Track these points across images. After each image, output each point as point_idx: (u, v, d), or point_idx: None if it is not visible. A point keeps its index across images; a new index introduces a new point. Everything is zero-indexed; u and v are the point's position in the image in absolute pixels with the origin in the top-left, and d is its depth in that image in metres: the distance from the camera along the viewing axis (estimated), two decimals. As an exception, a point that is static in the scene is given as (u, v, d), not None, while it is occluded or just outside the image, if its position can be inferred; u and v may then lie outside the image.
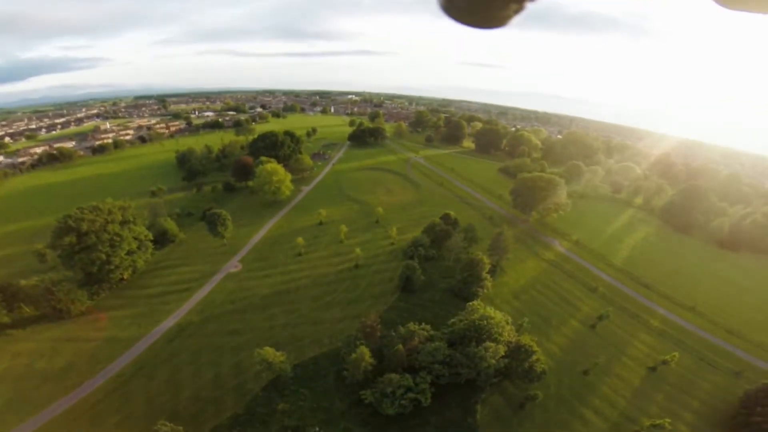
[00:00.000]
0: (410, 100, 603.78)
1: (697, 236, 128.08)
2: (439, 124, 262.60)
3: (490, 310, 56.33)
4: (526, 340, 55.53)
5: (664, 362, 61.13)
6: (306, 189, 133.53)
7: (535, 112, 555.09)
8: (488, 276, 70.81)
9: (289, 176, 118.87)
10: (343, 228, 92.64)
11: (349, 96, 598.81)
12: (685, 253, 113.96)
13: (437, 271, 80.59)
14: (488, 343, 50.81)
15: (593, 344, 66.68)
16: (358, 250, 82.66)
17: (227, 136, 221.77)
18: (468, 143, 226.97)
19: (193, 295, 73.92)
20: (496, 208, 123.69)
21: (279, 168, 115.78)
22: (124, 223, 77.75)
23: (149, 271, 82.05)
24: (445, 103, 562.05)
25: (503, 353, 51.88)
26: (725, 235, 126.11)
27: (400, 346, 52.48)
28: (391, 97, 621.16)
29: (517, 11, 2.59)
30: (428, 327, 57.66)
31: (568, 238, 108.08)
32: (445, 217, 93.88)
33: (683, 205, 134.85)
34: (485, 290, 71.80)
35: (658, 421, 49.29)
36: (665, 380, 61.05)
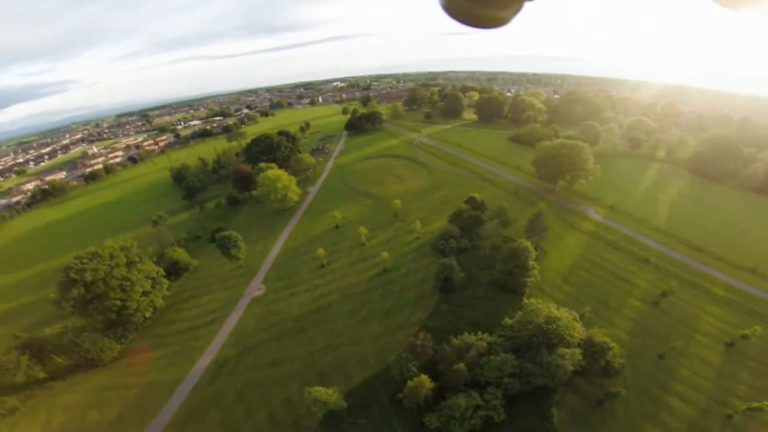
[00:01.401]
0: (397, 78, 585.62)
1: (732, 185, 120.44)
2: (434, 98, 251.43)
3: (554, 308, 49.50)
4: (598, 335, 49.18)
5: (744, 337, 54.74)
6: (313, 190, 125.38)
7: (524, 74, 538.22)
8: (535, 264, 63.59)
9: (293, 180, 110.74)
10: (362, 230, 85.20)
11: (335, 83, 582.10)
12: (726, 205, 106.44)
13: (474, 263, 73.15)
14: (563, 350, 44.54)
15: (660, 324, 60.12)
16: (385, 254, 74.94)
17: (219, 144, 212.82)
18: (469, 115, 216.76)
19: (222, 326, 68.21)
20: (518, 181, 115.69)
21: (281, 173, 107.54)
22: (130, 264, 71.56)
23: (170, 305, 76.55)
24: (432, 76, 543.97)
25: (580, 355, 45.41)
26: (762, 181, 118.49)
27: (462, 365, 46.21)
28: (378, 78, 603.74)
29: (517, 11, 2.59)
30: (486, 336, 50.93)
31: (602, 203, 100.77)
32: (471, 201, 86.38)
33: (713, 155, 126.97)
34: (533, 278, 64.84)
35: (755, 405, 43.70)
36: (748, 356, 54.69)
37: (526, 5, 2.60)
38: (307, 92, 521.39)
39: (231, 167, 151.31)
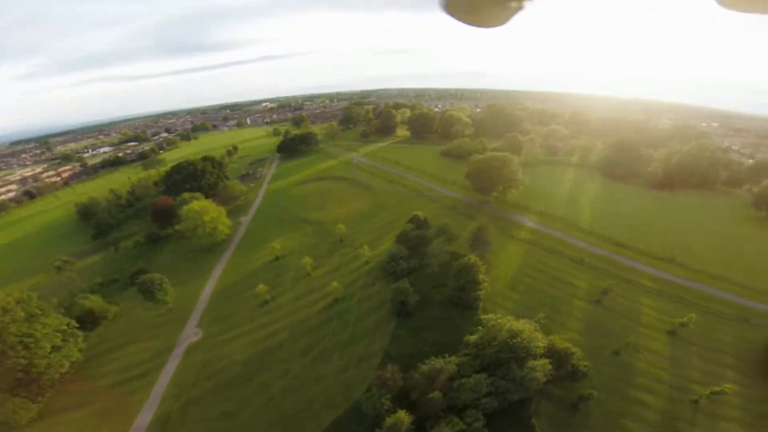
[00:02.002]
0: (330, 97, 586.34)
1: (637, 183, 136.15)
2: (369, 117, 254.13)
3: (513, 321, 49.43)
4: (558, 341, 50.31)
5: (683, 324, 59.81)
6: (245, 220, 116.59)
7: (448, 90, 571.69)
8: (485, 277, 64.08)
9: (222, 211, 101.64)
10: (307, 260, 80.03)
11: (264, 104, 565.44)
12: (636, 202, 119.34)
13: (425, 283, 71.76)
14: (532, 362, 44.66)
15: (607, 321, 63.52)
16: (334, 283, 70.77)
17: (134, 173, 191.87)
18: (402, 131, 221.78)
19: (159, 377, 59.27)
20: (455, 195, 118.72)
21: (208, 204, 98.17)
22: (31, 317, 59.51)
23: (91, 358, 65.20)
24: (365, 95, 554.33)
25: (549, 365, 45.89)
26: (661, 178, 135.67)
27: (437, 393, 44.49)
28: (310, 98, 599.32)
29: (517, 10, 2.61)
30: (453, 358, 49.41)
31: (533, 210, 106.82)
32: (415, 220, 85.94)
33: (618, 157, 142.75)
34: (483, 291, 65.18)
35: (716, 389, 47.07)
36: (691, 342, 59.59)
37: (525, 4, 2.58)
38: (234, 113, 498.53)
39: (149, 199, 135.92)
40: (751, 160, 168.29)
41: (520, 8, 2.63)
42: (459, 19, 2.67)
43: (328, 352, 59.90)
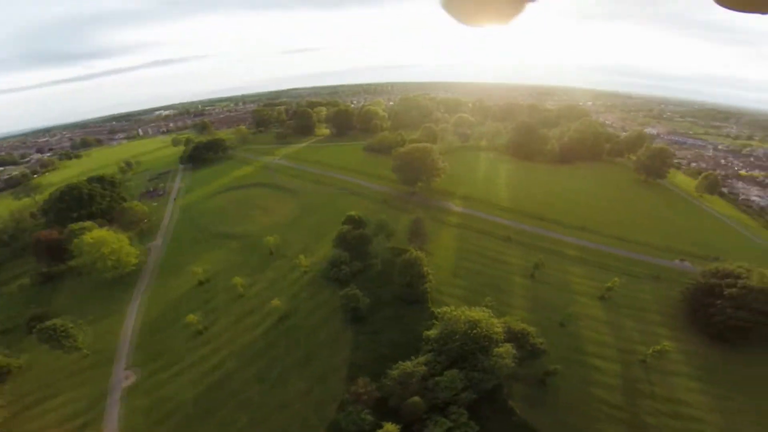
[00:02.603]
0: (235, 100, 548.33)
1: (539, 161, 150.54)
2: (282, 118, 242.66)
3: (468, 311, 50.21)
4: (513, 323, 52.45)
5: (609, 289, 66.64)
6: (156, 244, 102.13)
7: (361, 85, 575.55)
8: (429, 270, 64.45)
9: (124, 239, 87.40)
10: (237, 280, 72.66)
11: (158, 112, 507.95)
12: (542, 178, 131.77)
13: (372, 284, 70.07)
14: (498, 349, 45.52)
15: (545, 294, 68.48)
16: (275, 300, 65.17)
17: (4, 204, 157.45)
18: (322, 130, 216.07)
19: (101, 429, 50.32)
20: (384, 189, 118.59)
21: (106, 234, 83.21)
22: None
23: (12, 417, 53.44)
24: (275, 95, 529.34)
25: (512, 349, 47.25)
26: (559, 155, 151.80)
27: (417, 399, 43.57)
28: (212, 103, 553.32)
29: (518, 10, 2.63)
30: (421, 358, 48.61)
31: (457, 195, 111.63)
32: (350, 220, 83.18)
33: (521, 139, 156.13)
34: (430, 283, 65.60)
35: (658, 347, 52.57)
36: (621, 305, 66.73)
37: (527, 4, 2.60)
38: (124, 125, 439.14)
39: (28, 232, 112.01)
40: (624, 133, 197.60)
41: (521, 8, 2.61)
42: (459, 19, 2.64)
43: (287, 374, 55.15)
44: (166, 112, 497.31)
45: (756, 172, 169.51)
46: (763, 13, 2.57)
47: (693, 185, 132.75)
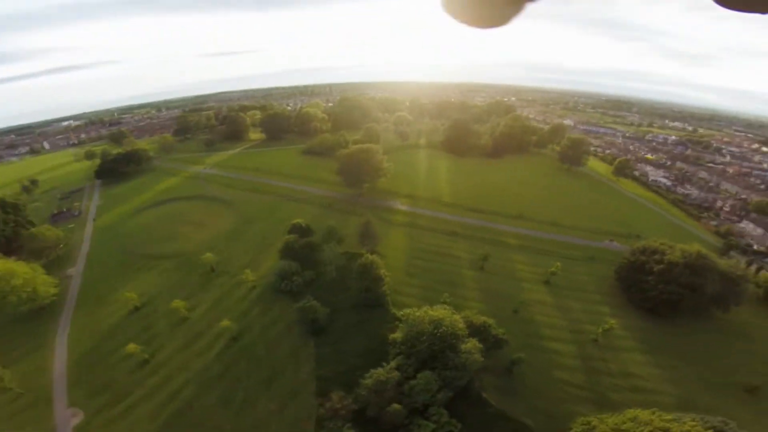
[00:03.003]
0: (155, 106, 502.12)
1: (474, 155, 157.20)
2: (212, 123, 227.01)
3: (430, 310, 50.24)
4: (473, 317, 53.17)
5: (552, 273, 70.48)
6: (76, 271, 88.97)
7: (297, 87, 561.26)
8: (385, 272, 63.46)
9: (38, 268, 75.11)
10: (178, 303, 65.53)
11: (66, 123, 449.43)
12: (477, 171, 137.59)
13: (329, 292, 67.51)
14: (465, 345, 46.00)
15: (495, 284, 70.80)
16: (225, 321, 59.73)
17: None
18: (255, 135, 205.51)
19: None
20: (328, 193, 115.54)
21: (13, 265, 70.77)
22: None
23: None
24: (201, 100, 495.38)
25: (478, 343, 48.03)
26: (491, 149, 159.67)
27: (396, 406, 42.82)
28: (129, 110, 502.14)
29: (518, 10, 2.65)
30: (392, 363, 47.55)
31: (402, 194, 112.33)
32: (296, 228, 79.44)
33: (456, 135, 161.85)
34: (387, 285, 64.64)
35: (606, 326, 56.47)
36: (565, 288, 71.05)
37: (526, 5, 2.63)
38: (25, 138, 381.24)
39: None
40: (546, 125, 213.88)
41: (520, 8, 2.60)
42: (459, 19, 2.64)
43: (252, 396, 50.89)
44: (75, 123, 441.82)
45: (659, 155, 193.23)
46: (763, 12, 2.54)
47: (609, 170, 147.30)
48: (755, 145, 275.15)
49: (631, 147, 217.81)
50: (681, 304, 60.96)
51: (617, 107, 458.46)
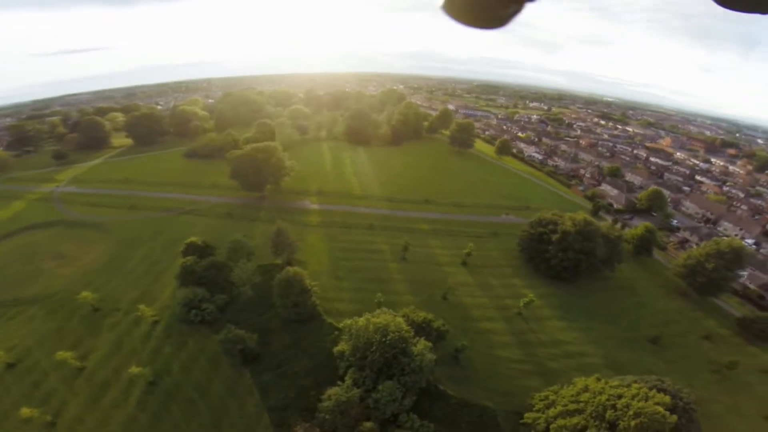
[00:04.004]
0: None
1: (375, 144, 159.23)
2: (60, 131, 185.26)
3: (371, 317, 48.08)
4: (413, 314, 53.07)
5: (469, 254, 74.59)
6: None
7: (166, 84, 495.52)
8: (312, 282, 59.35)
9: None
10: (63, 354, 51.64)
11: None
12: (382, 161, 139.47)
13: (250, 316, 60.65)
14: (416, 348, 45.40)
15: (419, 272, 72.12)
16: (134, 368, 49.07)
17: None
18: (121, 140, 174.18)
19: None
20: (224, 201, 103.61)
21: None
22: None
23: None
24: (41, 105, 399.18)
25: (425, 341, 47.78)
26: (390, 137, 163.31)
27: (368, 424, 41.18)
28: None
29: (517, 11, 2.65)
30: (348, 381, 44.68)
31: (310, 192, 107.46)
32: (192, 248, 69.05)
33: (357, 125, 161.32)
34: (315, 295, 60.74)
35: (526, 300, 61.10)
36: (478, 266, 75.30)
37: (526, 5, 2.64)
38: None
39: None
40: (434, 111, 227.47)
41: (520, 9, 2.56)
42: (458, 19, 2.63)
43: None
44: None
45: (528, 133, 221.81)
46: (763, 13, 2.53)
47: (492, 150, 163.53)
48: (596, 119, 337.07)
49: (504, 127, 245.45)
50: (579, 269, 70.41)
51: (487, 91, 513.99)
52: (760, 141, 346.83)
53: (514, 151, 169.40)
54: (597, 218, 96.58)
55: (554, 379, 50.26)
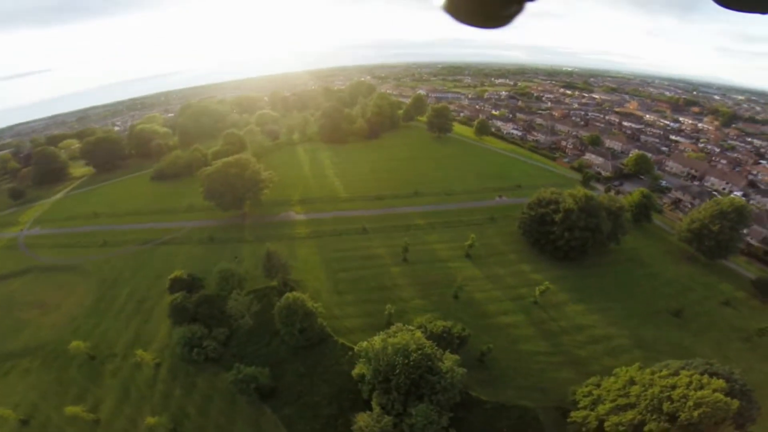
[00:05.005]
0: None
1: (354, 140, 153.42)
2: (12, 166, 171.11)
3: (387, 338, 44.34)
4: (432, 325, 49.91)
5: (471, 246, 71.35)
6: None
7: (121, 102, 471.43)
8: (313, 303, 54.88)
9: None
10: (72, 409, 47.46)
11: None
12: (363, 157, 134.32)
13: (256, 345, 56.67)
14: (444, 365, 42.18)
15: (424, 273, 68.76)
16: (150, 419, 45.55)
17: None
18: (80, 169, 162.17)
19: None
20: (203, 223, 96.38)
21: None
22: None
23: None
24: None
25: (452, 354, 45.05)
26: (368, 130, 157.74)
27: None
28: None
29: (518, 11, 2.64)
30: (375, 410, 41.46)
31: (293, 202, 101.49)
32: (179, 284, 63.19)
33: (331, 124, 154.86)
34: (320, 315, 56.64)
35: (542, 288, 58.65)
36: (482, 256, 72.65)
37: (527, 5, 2.61)
38: None
39: None
40: (404, 98, 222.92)
41: (521, 9, 2.54)
42: (459, 20, 2.62)
43: None
44: None
45: (502, 111, 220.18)
46: (763, 13, 2.45)
47: (471, 131, 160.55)
48: (561, 90, 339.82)
49: (477, 107, 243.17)
50: (586, 247, 68.37)
51: (453, 72, 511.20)
52: (716, 97, 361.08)
53: (493, 130, 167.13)
54: (589, 188, 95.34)
55: (586, 368, 48.39)
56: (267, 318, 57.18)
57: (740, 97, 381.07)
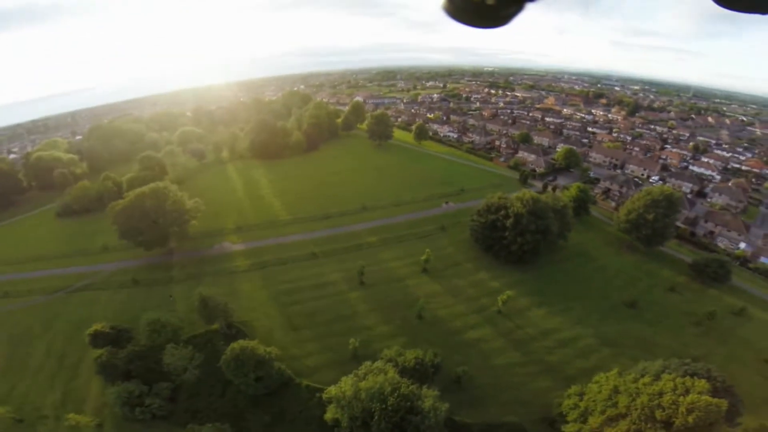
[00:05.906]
0: None
1: (290, 154, 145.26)
2: None
3: (360, 382, 39.75)
4: (403, 360, 46.14)
5: (427, 260, 68.73)
6: None
7: (19, 125, 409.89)
8: (265, 348, 48.05)
9: None
10: None
11: None
12: (302, 172, 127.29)
13: (207, 400, 49.06)
14: (425, 403, 38.45)
15: (383, 295, 64.89)
16: None
17: None
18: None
19: None
20: (123, 265, 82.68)
21: None
22: None
23: None
24: None
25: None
26: (305, 144, 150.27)
27: None
28: None
29: (518, 11, 2.66)
30: None
31: (227, 231, 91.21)
32: (102, 339, 52.62)
33: (265, 138, 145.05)
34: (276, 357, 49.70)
35: (504, 297, 57.57)
36: (439, 269, 70.30)
37: (527, 5, 2.63)
38: None
39: None
40: (344, 106, 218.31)
41: (521, 9, 2.58)
42: (459, 20, 2.65)
43: None
44: None
45: (436, 114, 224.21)
46: (763, 13, 2.51)
47: (410, 137, 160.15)
48: (486, 90, 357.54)
49: (413, 111, 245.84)
50: (538, 248, 68.90)
51: (386, 77, 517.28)
52: (617, 88, 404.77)
53: (430, 133, 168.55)
54: (527, 186, 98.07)
55: (561, 374, 48.64)
56: (214, 367, 49.35)
57: (636, 87, 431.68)
